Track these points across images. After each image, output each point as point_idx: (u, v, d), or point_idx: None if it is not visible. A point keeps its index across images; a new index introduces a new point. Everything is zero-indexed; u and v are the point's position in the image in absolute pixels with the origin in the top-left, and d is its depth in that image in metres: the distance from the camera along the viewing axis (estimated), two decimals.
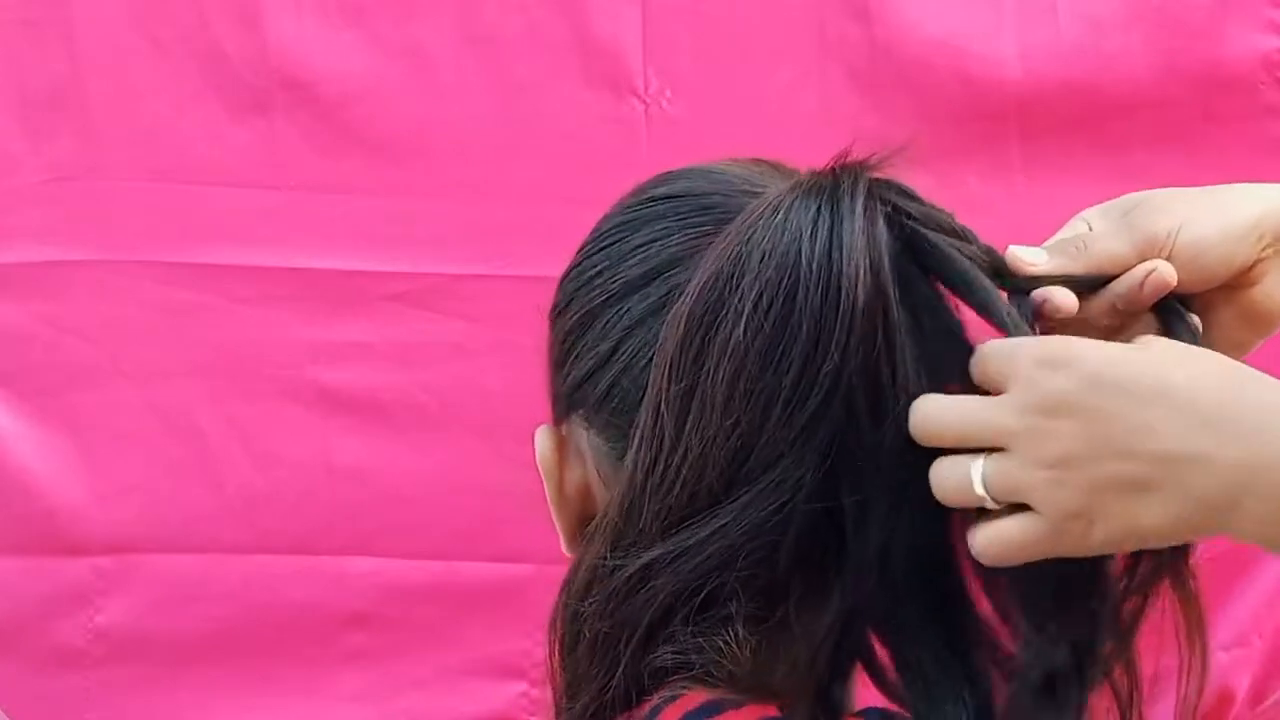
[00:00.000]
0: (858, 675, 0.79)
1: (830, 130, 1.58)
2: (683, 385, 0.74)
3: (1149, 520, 0.69)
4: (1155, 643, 0.82)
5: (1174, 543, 0.73)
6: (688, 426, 0.74)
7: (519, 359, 1.58)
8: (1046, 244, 0.81)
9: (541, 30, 1.61)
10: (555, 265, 1.61)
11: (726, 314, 0.73)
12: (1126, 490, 0.68)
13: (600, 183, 1.59)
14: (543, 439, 0.83)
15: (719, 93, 1.61)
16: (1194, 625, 0.78)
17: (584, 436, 0.81)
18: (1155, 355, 0.71)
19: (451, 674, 1.64)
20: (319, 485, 1.63)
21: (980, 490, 0.71)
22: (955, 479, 0.72)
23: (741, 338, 0.73)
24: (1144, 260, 0.78)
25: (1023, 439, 0.70)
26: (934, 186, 0.80)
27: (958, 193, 0.80)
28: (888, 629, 0.76)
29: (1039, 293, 0.77)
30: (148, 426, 1.63)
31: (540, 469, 0.83)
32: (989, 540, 0.71)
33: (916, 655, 0.75)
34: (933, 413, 0.73)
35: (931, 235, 0.76)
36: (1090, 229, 0.82)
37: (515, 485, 1.58)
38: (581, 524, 0.82)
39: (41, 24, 1.62)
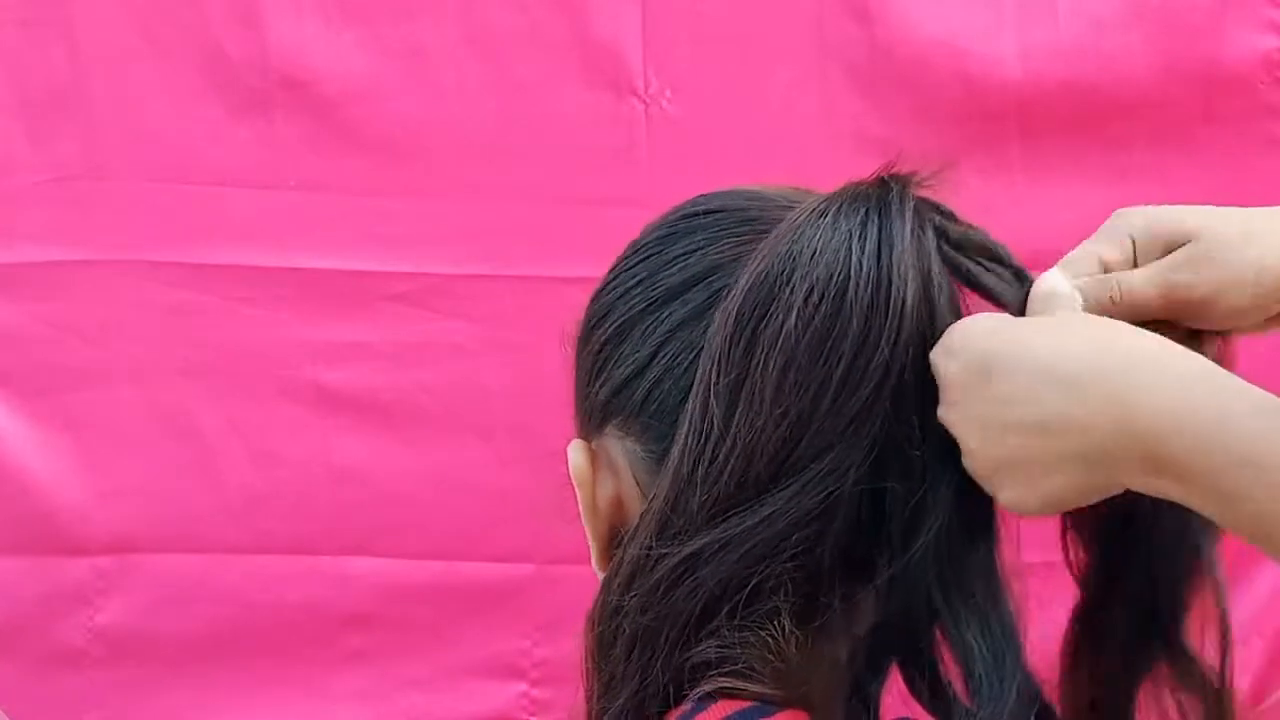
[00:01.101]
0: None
1: (830, 130, 1.58)
2: (732, 376, 0.75)
3: (1056, 487, 0.72)
4: None
5: (1090, 501, 0.74)
6: (737, 417, 0.75)
7: (519, 359, 1.60)
8: (1081, 266, 0.80)
9: (541, 30, 1.61)
10: (555, 265, 1.63)
11: (777, 308, 0.75)
12: (1021, 462, 0.72)
13: (600, 183, 1.62)
14: (576, 453, 0.83)
15: (719, 93, 1.61)
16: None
17: (618, 447, 0.82)
18: (1033, 328, 0.74)
19: (451, 674, 1.64)
20: (319, 485, 1.63)
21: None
22: None
23: (793, 330, 0.75)
24: (1171, 315, 0.78)
25: (952, 430, 0.75)
26: (934, 186, 0.80)
27: (958, 193, 0.81)
28: (934, 625, 0.77)
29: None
30: (148, 426, 1.63)
31: (574, 481, 0.83)
32: None
33: (967, 650, 0.76)
34: None
35: (964, 258, 0.79)
36: (1133, 247, 0.80)
37: (514, 485, 1.59)
38: (612, 537, 0.82)
39: (41, 24, 1.62)
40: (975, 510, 0.77)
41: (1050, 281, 0.78)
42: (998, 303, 0.80)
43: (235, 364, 1.63)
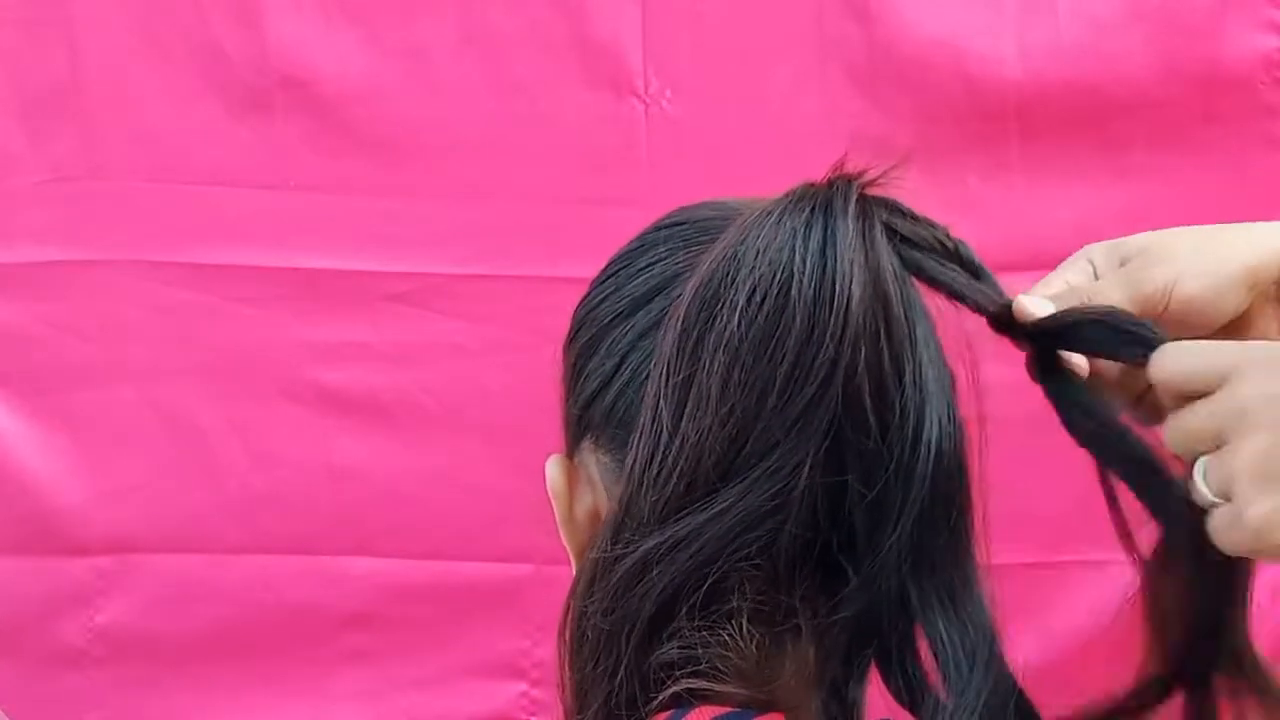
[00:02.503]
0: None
1: (830, 130, 1.58)
2: (680, 377, 0.75)
3: None
4: None
5: None
6: (684, 417, 0.75)
7: (519, 359, 1.60)
8: (1050, 289, 0.82)
9: (541, 30, 1.61)
10: (555, 265, 1.63)
11: (722, 307, 0.75)
12: None
13: (600, 183, 1.62)
14: (553, 468, 0.84)
15: (719, 93, 1.61)
16: None
17: (592, 460, 0.82)
18: None
19: (451, 674, 1.64)
20: (319, 485, 1.63)
21: (1205, 491, 0.71)
22: (1194, 487, 0.71)
23: (736, 329, 0.74)
24: (1141, 314, 0.79)
25: (1239, 423, 0.69)
26: (934, 186, 0.80)
27: (958, 193, 0.81)
28: (907, 623, 0.77)
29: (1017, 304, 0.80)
30: (148, 426, 1.63)
31: (550, 494, 0.84)
32: (1211, 535, 0.71)
33: (940, 644, 0.76)
34: (1170, 424, 0.72)
35: (915, 255, 0.78)
36: (1093, 268, 0.83)
37: (514, 485, 1.59)
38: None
39: (41, 24, 1.62)
40: (947, 505, 0.76)
41: (1029, 303, 0.79)
42: (958, 299, 0.80)
43: (235, 364, 1.63)
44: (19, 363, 1.63)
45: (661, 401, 0.75)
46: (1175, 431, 0.71)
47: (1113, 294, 0.80)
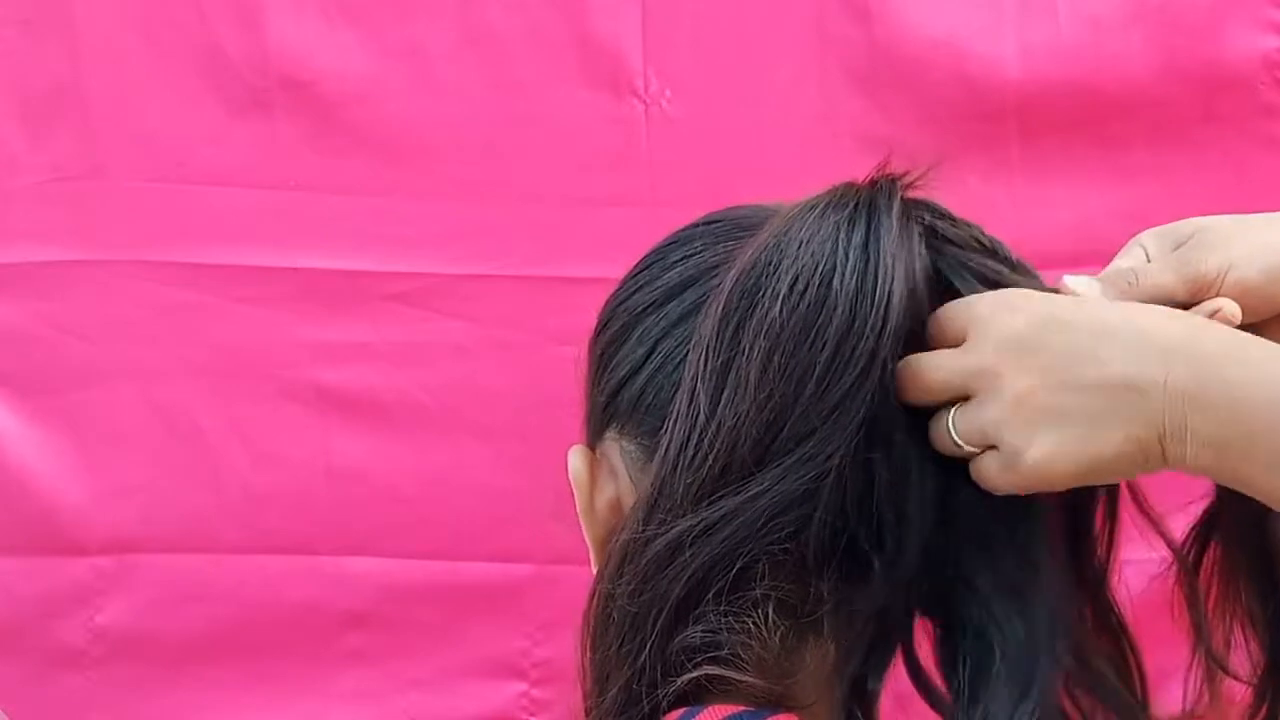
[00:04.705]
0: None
1: (830, 130, 1.58)
2: (719, 362, 0.76)
3: (1102, 448, 0.72)
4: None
5: (1130, 475, 0.76)
6: (722, 401, 0.76)
7: (519, 359, 1.60)
8: (1102, 273, 0.82)
9: (541, 30, 1.61)
10: (555, 265, 1.63)
11: (763, 295, 0.76)
12: (1080, 421, 0.72)
13: (600, 183, 1.62)
14: (575, 457, 0.85)
15: (719, 93, 1.61)
16: None
17: (616, 449, 0.83)
18: (1100, 303, 0.77)
19: (451, 674, 1.64)
20: (319, 485, 1.63)
21: (954, 438, 0.76)
22: (939, 433, 0.76)
23: (778, 315, 0.76)
24: (1192, 297, 0.80)
25: (984, 380, 0.74)
26: (934, 186, 0.81)
27: (958, 193, 0.81)
28: (945, 613, 0.78)
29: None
30: (148, 426, 1.63)
31: (572, 483, 0.85)
32: (976, 478, 0.76)
33: (1003, 637, 0.76)
34: (914, 368, 0.77)
35: (960, 254, 0.80)
36: (1146, 254, 0.83)
37: (514, 485, 1.59)
38: (610, 540, 0.83)
39: (41, 24, 1.62)
40: (1006, 502, 0.77)
41: (1072, 282, 0.80)
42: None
43: (235, 364, 1.63)
44: (19, 363, 1.63)
45: (699, 385, 0.76)
46: (930, 383, 0.76)
47: (1164, 276, 0.81)
